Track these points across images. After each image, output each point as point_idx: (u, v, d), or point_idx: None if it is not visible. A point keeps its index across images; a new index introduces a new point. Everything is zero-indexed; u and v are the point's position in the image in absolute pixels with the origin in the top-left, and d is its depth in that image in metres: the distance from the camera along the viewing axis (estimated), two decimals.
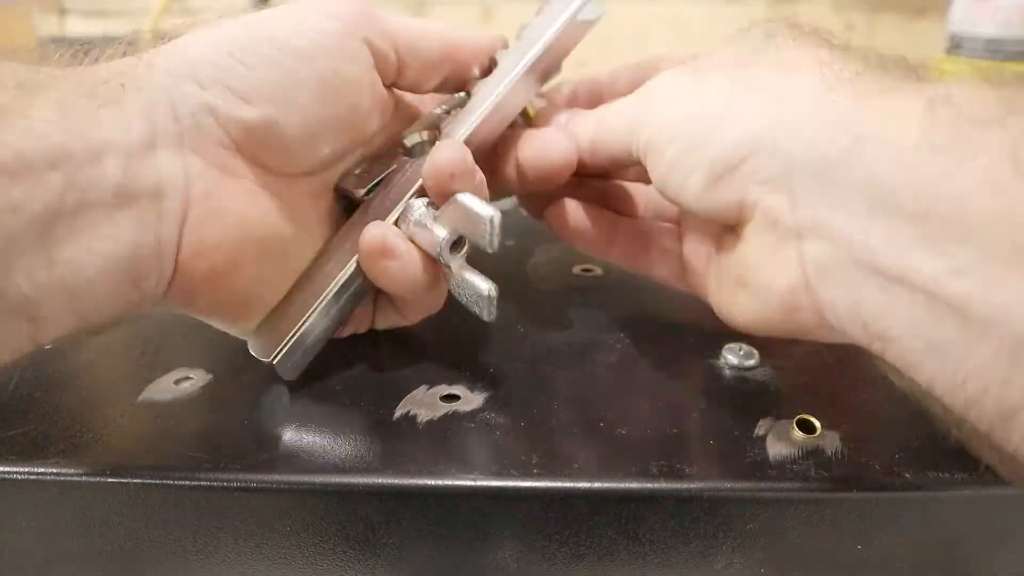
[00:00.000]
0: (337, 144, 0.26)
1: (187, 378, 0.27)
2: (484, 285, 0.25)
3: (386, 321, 0.30)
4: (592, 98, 0.34)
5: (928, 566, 0.24)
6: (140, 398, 0.26)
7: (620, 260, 0.31)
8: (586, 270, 0.37)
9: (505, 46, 0.31)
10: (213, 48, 0.24)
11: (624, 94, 0.28)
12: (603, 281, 0.36)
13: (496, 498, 0.22)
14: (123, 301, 0.22)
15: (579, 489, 0.22)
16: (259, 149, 0.25)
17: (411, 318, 0.29)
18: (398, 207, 0.27)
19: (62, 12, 0.95)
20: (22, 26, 0.89)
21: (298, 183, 0.26)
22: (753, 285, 0.24)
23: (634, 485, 0.22)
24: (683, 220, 0.30)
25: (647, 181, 0.27)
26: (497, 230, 0.24)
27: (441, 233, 0.25)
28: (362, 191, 0.27)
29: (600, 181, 0.33)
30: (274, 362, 0.26)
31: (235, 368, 0.28)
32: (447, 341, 0.30)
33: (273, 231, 0.25)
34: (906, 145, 0.19)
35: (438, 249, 0.25)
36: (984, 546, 0.24)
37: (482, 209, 0.24)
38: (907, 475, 0.23)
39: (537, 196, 0.33)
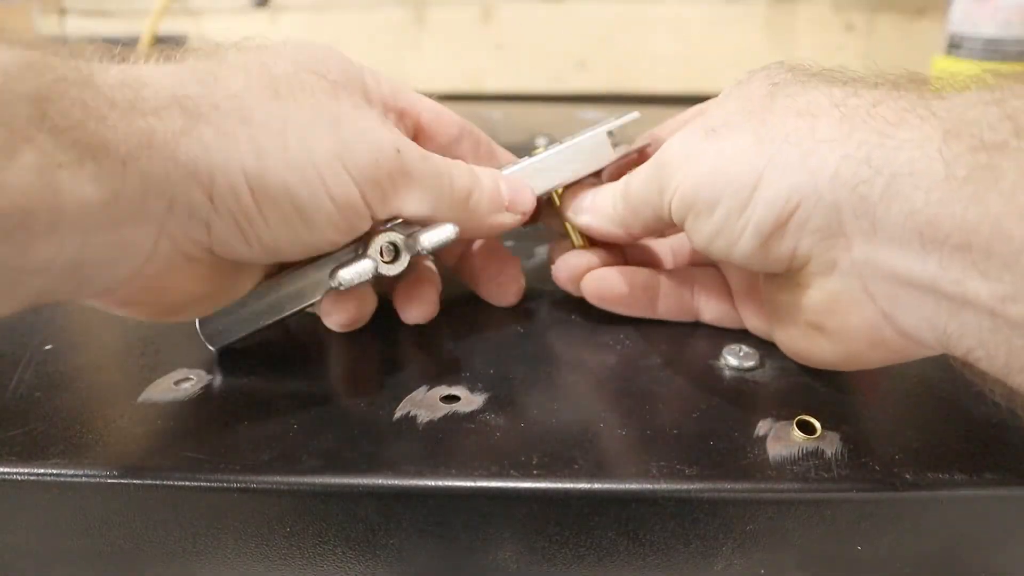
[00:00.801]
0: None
1: (187, 379, 0.27)
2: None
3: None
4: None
5: (928, 567, 0.24)
6: (140, 399, 0.26)
7: (668, 315, 0.31)
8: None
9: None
10: (239, 175, 0.23)
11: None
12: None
13: (496, 499, 0.22)
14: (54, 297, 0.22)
15: (579, 490, 0.22)
16: (227, 255, 0.25)
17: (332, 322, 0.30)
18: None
19: (62, 12, 0.95)
20: (22, 25, 0.89)
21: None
22: (832, 330, 0.24)
23: (634, 486, 0.22)
24: (726, 268, 0.30)
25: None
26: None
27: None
28: None
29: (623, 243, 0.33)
30: (198, 324, 0.27)
31: (235, 368, 0.28)
32: (447, 342, 0.30)
33: (216, 291, 0.26)
34: (936, 178, 0.19)
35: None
36: (984, 547, 0.24)
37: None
38: (907, 476, 0.23)
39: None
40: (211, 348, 0.28)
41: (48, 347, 0.29)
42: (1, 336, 0.30)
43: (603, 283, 0.31)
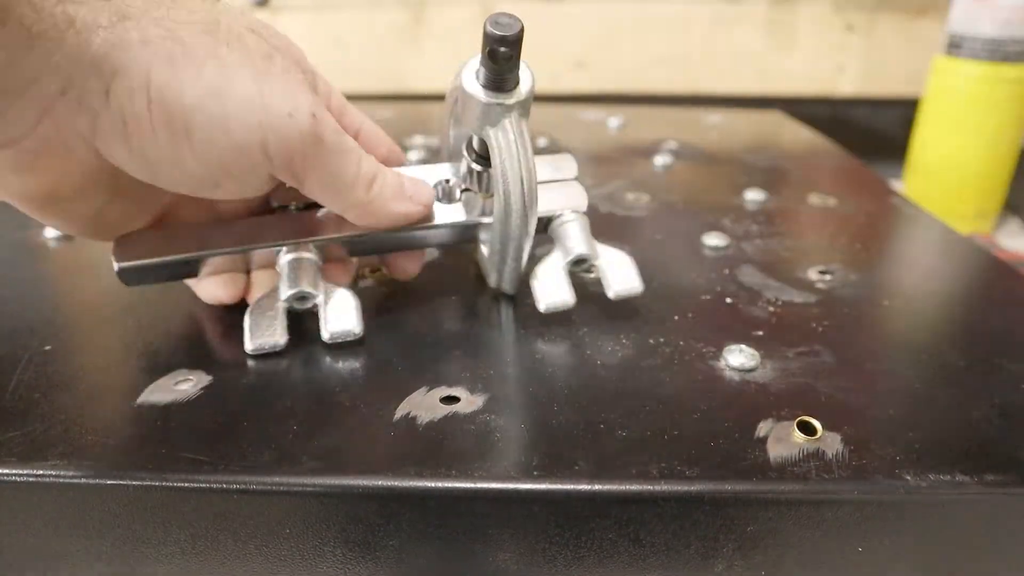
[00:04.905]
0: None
1: (187, 379, 0.27)
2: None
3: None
4: None
5: (929, 568, 0.24)
6: (140, 399, 0.26)
7: None
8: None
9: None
10: (143, 84, 0.23)
11: None
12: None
13: (496, 500, 0.22)
14: None
15: (579, 491, 0.22)
16: (111, 158, 0.25)
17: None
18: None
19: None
20: None
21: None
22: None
23: (634, 487, 0.22)
24: None
25: None
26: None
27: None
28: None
29: None
30: (119, 266, 0.29)
31: (235, 369, 0.28)
32: (447, 343, 0.30)
33: (108, 203, 0.27)
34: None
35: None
36: (984, 547, 0.23)
37: (324, 327, 0.29)
38: (908, 477, 0.23)
39: None
40: (116, 268, 0.29)
41: (47, 347, 0.29)
42: (0, 336, 0.30)
43: None
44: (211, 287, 0.31)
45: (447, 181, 0.32)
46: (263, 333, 0.29)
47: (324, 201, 0.28)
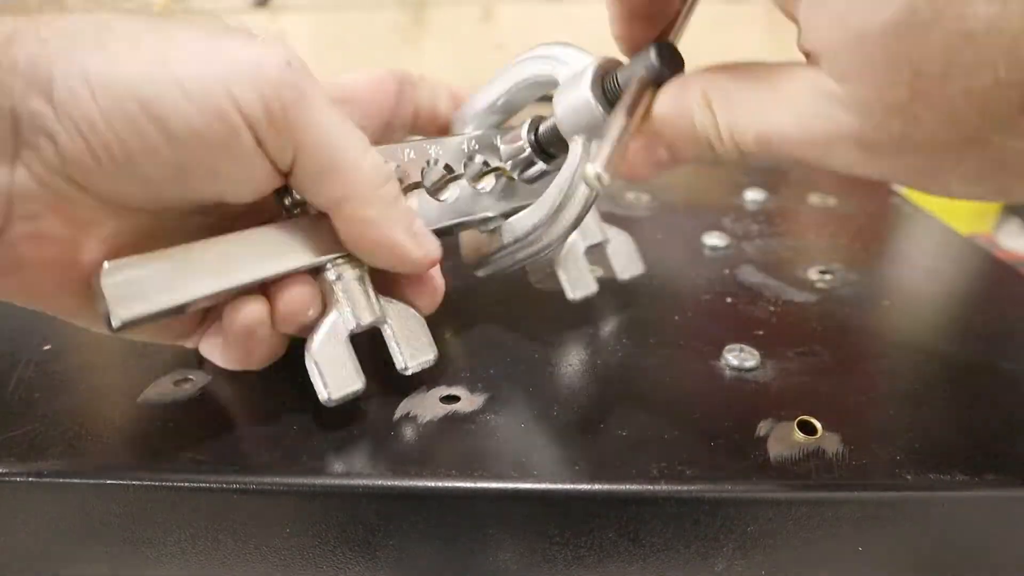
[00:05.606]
0: (185, 207, 0.23)
1: (187, 379, 0.27)
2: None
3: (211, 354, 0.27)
4: None
5: (928, 567, 0.24)
6: (140, 399, 0.26)
7: None
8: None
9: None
10: (80, 78, 0.20)
11: None
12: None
13: (496, 500, 0.22)
14: None
15: (579, 491, 0.22)
16: (100, 193, 0.22)
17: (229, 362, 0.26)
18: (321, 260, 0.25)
19: (62, 12, 0.95)
20: None
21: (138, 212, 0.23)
22: None
23: (634, 487, 0.22)
24: None
25: None
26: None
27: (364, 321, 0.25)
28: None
29: None
30: (122, 320, 0.21)
31: (235, 369, 0.28)
32: (448, 342, 0.30)
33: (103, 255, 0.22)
34: None
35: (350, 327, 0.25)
36: (984, 547, 0.23)
37: (401, 356, 0.26)
38: (908, 476, 0.23)
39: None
40: (111, 325, 0.21)
41: (47, 347, 0.29)
42: (0, 336, 0.30)
43: None
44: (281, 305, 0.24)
45: (437, 162, 0.29)
46: (341, 381, 0.24)
47: (317, 193, 0.24)
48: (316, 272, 0.25)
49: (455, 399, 0.26)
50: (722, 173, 0.57)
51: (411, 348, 0.26)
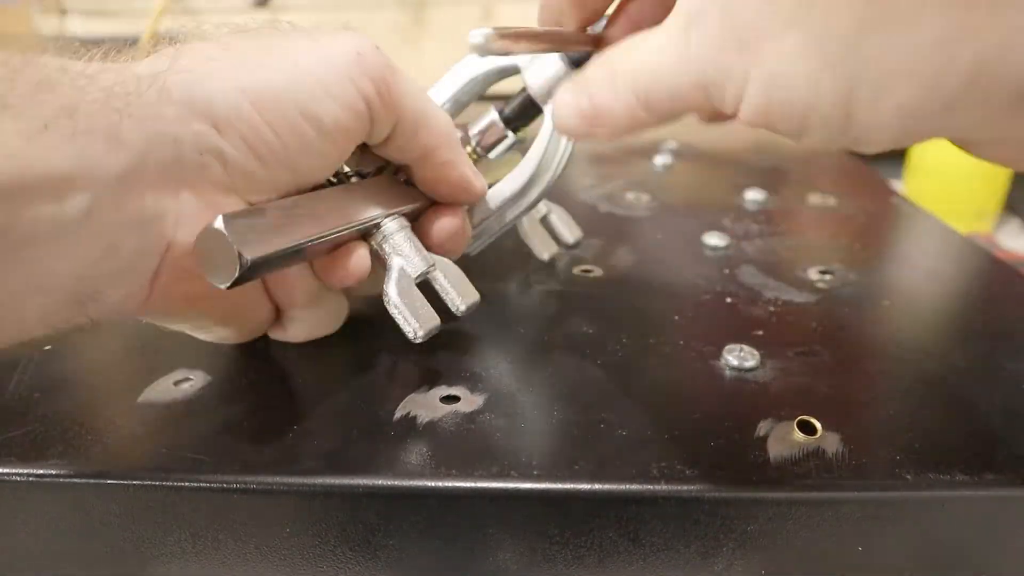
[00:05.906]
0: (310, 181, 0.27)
1: (187, 379, 0.27)
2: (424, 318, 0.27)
3: (274, 332, 0.30)
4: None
5: (928, 567, 0.24)
6: (140, 399, 0.26)
7: None
8: (585, 271, 0.37)
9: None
10: (236, 92, 0.23)
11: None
12: (603, 282, 0.36)
13: (496, 500, 0.22)
14: (59, 320, 0.21)
15: (579, 491, 0.22)
16: (249, 190, 0.24)
17: (296, 334, 0.29)
18: (373, 216, 0.27)
19: (62, 12, 0.95)
20: (22, 25, 0.89)
21: None
22: None
23: (634, 487, 0.22)
24: None
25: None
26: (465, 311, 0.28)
27: (416, 269, 0.27)
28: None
29: None
30: (251, 259, 0.22)
31: (235, 369, 0.28)
32: (448, 342, 0.30)
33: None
34: None
35: (399, 283, 0.27)
36: (984, 547, 0.23)
37: (456, 298, 0.28)
38: (908, 476, 0.23)
39: None
40: (241, 261, 0.22)
41: (47, 347, 0.29)
42: None
43: None
44: (351, 263, 0.27)
45: None
46: (424, 319, 0.26)
47: (412, 148, 0.27)
48: (367, 235, 0.27)
49: (455, 399, 0.26)
50: (722, 173, 0.57)
51: (460, 292, 0.28)
